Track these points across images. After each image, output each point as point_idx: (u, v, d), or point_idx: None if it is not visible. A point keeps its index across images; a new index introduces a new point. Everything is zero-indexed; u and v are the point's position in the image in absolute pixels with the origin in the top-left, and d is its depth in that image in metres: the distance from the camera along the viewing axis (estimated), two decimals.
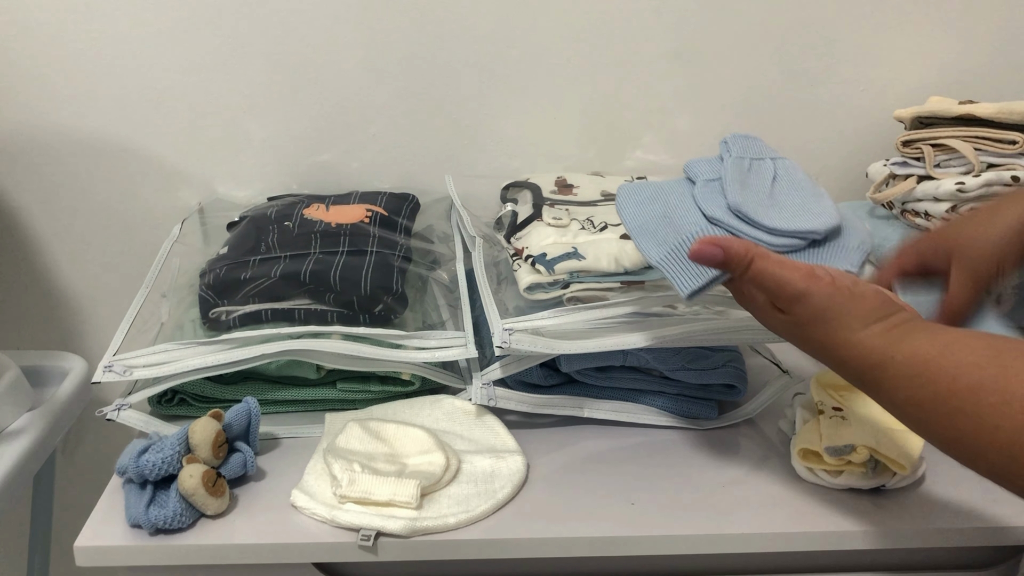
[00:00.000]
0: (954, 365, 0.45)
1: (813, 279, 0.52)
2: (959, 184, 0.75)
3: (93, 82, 0.93)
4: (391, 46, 0.94)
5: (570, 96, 0.97)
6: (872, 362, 0.49)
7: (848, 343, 0.50)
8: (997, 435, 0.42)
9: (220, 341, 0.70)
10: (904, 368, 0.47)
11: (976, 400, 0.43)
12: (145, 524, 0.59)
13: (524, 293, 0.71)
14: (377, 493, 0.60)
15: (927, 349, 0.46)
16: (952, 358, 0.45)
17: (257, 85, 0.95)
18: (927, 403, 0.45)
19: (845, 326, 0.50)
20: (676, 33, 0.95)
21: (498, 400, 0.70)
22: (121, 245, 1.01)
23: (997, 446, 0.42)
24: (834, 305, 0.51)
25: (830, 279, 0.52)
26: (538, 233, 0.76)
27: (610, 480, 0.66)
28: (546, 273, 0.70)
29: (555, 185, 0.89)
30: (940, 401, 0.45)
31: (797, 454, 0.66)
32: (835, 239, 0.62)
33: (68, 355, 0.90)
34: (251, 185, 0.99)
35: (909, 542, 0.61)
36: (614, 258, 0.70)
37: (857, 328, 0.50)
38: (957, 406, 0.44)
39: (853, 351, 0.50)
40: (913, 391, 0.46)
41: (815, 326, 0.52)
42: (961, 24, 0.95)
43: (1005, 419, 0.41)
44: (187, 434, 0.62)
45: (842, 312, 0.50)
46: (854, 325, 0.50)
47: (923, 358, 0.46)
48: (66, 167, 0.97)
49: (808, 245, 0.61)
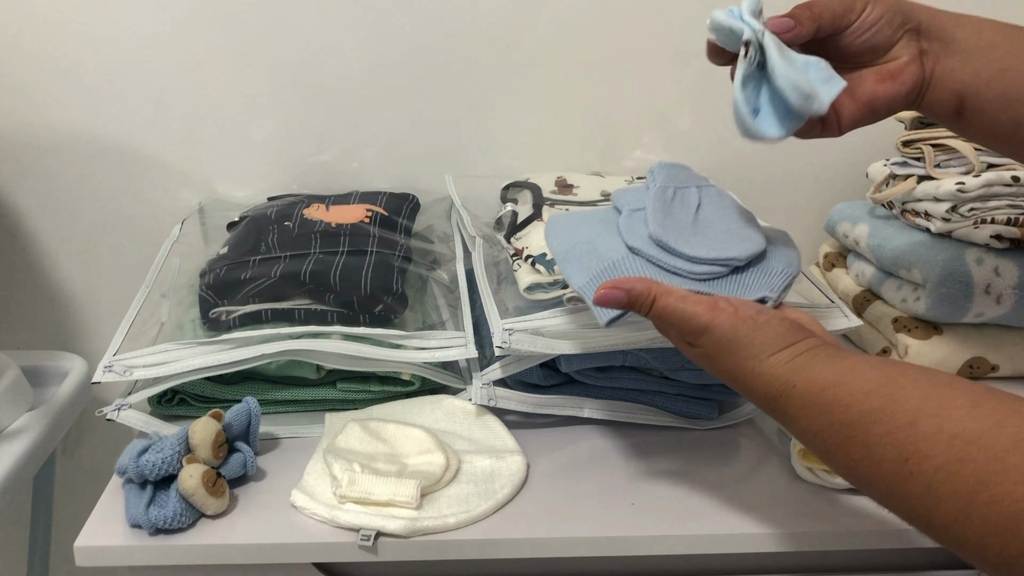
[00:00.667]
0: (848, 393, 0.45)
1: (716, 311, 0.52)
2: (959, 184, 0.75)
3: (93, 82, 0.93)
4: (391, 46, 0.94)
5: (570, 96, 0.97)
6: (776, 390, 0.49)
7: (752, 372, 0.50)
8: (882, 466, 0.42)
9: (220, 341, 0.70)
10: (803, 398, 0.47)
11: (865, 430, 0.43)
12: (145, 524, 0.59)
13: (524, 293, 0.71)
14: (377, 493, 0.60)
15: (825, 377, 0.47)
16: (846, 387, 0.45)
17: (257, 85, 0.95)
18: (823, 432, 0.46)
19: (750, 356, 0.51)
20: (676, 33, 0.95)
21: (498, 400, 0.70)
22: (121, 245, 1.01)
23: (882, 475, 0.42)
24: (738, 336, 0.51)
25: (732, 310, 0.52)
26: (538, 233, 0.76)
27: (610, 480, 0.66)
28: (546, 273, 0.70)
29: (555, 185, 0.89)
30: (834, 430, 0.45)
31: (797, 454, 0.66)
32: (758, 263, 0.63)
33: (68, 355, 0.90)
34: (251, 185, 0.99)
35: (909, 542, 0.61)
36: None
37: (762, 357, 0.50)
38: (849, 435, 0.44)
39: (758, 380, 0.50)
40: (812, 420, 0.47)
41: (722, 356, 0.52)
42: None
43: (888, 448, 0.42)
44: (187, 434, 0.62)
45: (746, 342, 0.51)
46: (759, 355, 0.50)
47: (820, 386, 0.47)
48: (66, 167, 0.97)
49: (730, 272, 0.62)
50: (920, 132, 0.81)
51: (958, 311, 0.77)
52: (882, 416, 0.43)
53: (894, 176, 0.84)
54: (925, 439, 0.40)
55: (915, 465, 0.40)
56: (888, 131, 0.87)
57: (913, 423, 0.41)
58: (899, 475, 0.41)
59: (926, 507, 0.40)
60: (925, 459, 0.40)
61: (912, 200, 0.81)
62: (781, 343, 0.50)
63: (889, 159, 0.86)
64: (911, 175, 0.81)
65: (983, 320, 0.78)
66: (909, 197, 0.81)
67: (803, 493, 0.64)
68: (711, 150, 0.99)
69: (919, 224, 0.80)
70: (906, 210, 0.82)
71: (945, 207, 0.77)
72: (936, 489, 0.39)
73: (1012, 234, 0.76)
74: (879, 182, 0.85)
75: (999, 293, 0.76)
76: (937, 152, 0.79)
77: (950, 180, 0.77)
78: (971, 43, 0.55)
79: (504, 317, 0.68)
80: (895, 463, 0.41)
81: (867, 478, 0.44)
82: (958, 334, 0.79)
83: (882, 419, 0.42)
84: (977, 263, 0.76)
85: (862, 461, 0.43)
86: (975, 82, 0.55)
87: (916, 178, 0.80)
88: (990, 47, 0.54)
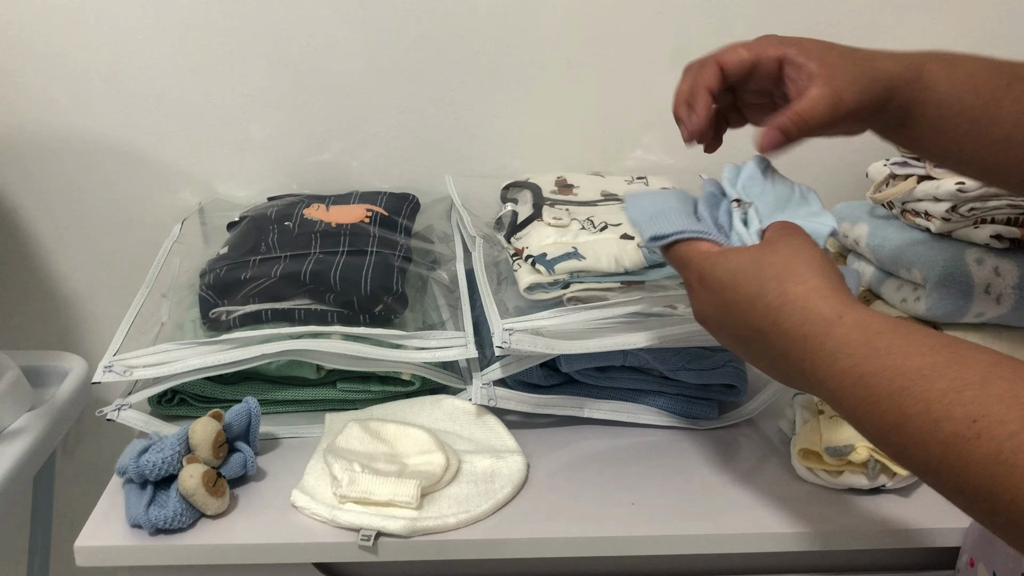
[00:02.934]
0: (907, 343, 0.41)
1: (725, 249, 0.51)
2: (959, 184, 0.75)
3: (94, 82, 0.93)
4: (391, 46, 0.94)
5: (570, 96, 0.97)
6: (817, 316, 0.44)
7: (788, 297, 0.46)
8: (943, 425, 0.38)
9: (220, 341, 0.70)
10: (852, 332, 0.43)
11: (927, 384, 0.39)
12: (145, 524, 0.59)
13: (524, 293, 0.71)
14: (377, 493, 0.60)
15: (879, 321, 0.43)
16: (905, 336, 0.41)
17: (257, 85, 0.95)
18: (870, 376, 0.41)
19: (790, 276, 0.46)
20: (676, 33, 0.95)
21: (498, 400, 0.70)
22: (121, 245, 1.01)
23: (941, 437, 0.38)
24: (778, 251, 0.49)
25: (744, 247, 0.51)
26: (538, 233, 0.76)
27: (610, 480, 0.66)
28: (546, 273, 0.70)
29: (555, 185, 0.89)
30: (886, 377, 0.40)
31: (797, 454, 0.66)
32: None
33: (68, 355, 0.90)
34: (251, 185, 0.99)
35: (909, 542, 0.61)
36: (614, 258, 0.70)
37: (806, 278, 0.46)
38: (903, 386, 0.39)
39: (795, 305, 0.45)
40: (858, 360, 0.42)
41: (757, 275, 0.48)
42: (962, 23, 0.95)
43: (955, 407, 0.38)
44: (187, 434, 0.62)
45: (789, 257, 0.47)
46: (803, 275, 0.46)
47: (875, 328, 0.42)
48: (66, 167, 0.97)
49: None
50: None
51: (958, 311, 0.77)
52: (948, 371, 0.39)
53: (894, 176, 0.84)
54: (999, 401, 0.36)
55: (984, 428, 0.36)
56: None
57: (985, 382, 0.38)
58: (962, 438, 0.37)
59: (990, 475, 0.36)
60: (997, 423, 0.36)
61: (912, 200, 0.81)
62: (831, 271, 0.46)
63: (889, 159, 0.86)
64: (911, 175, 0.81)
65: (983, 320, 0.78)
66: (909, 197, 0.81)
67: (803, 493, 0.64)
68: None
69: (919, 224, 0.80)
70: (906, 210, 0.82)
71: (945, 207, 0.77)
72: (1007, 457, 0.35)
73: (1012, 234, 0.76)
74: (879, 182, 0.85)
75: (999, 293, 0.76)
76: None
77: (950, 180, 0.77)
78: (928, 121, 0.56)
79: (504, 317, 0.68)
80: (960, 423, 0.37)
81: (919, 437, 0.39)
82: (958, 334, 0.79)
83: (948, 374, 0.38)
84: (977, 263, 0.76)
85: (916, 417, 0.39)
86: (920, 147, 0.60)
87: (916, 178, 0.80)
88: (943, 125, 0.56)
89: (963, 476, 0.37)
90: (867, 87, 0.54)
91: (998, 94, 0.54)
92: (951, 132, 0.56)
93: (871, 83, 0.54)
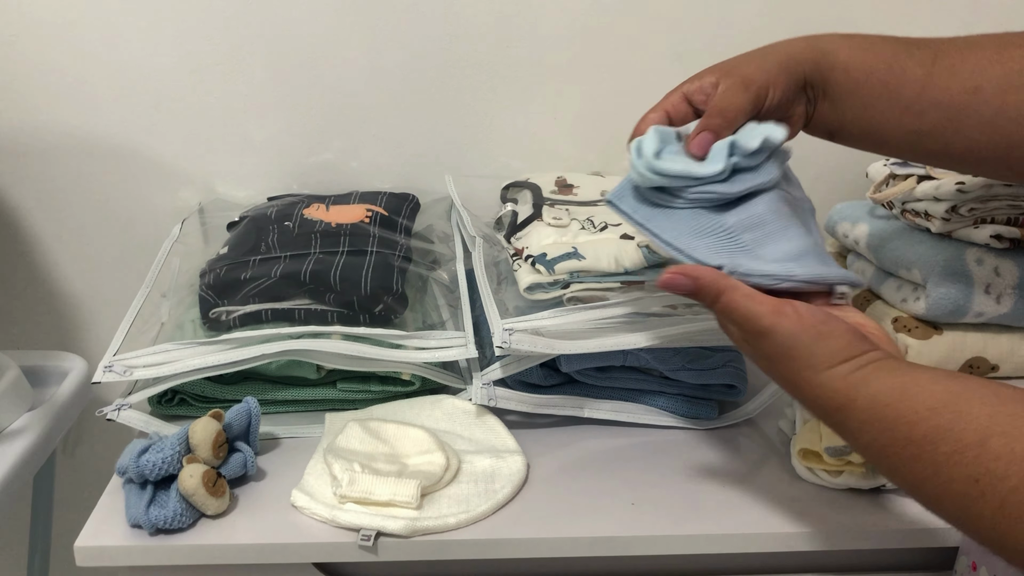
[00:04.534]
0: (912, 411, 0.44)
1: (779, 315, 0.50)
2: (959, 184, 0.75)
3: (93, 82, 0.93)
4: (391, 46, 0.94)
5: (570, 96, 0.97)
6: (836, 404, 0.48)
7: (811, 383, 0.49)
8: (952, 486, 0.41)
9: (220, 341, 0.70)
10: (865, 412, 0.46)
11: (932, 449, 0.43)
12: (145, 524, 0.59)
13: (524, 293, 0.71)
14: (377, 493, 0.60)
15: (887, 393, 0.46)
16: (910, 403, 0.45)
17: (257, 85, 0.95)
18: (887, 449, 0.45)
19: (809, 366, 0.49)
20: (676, 33, 0.95)
21: (498, 400, 0.70)
22: (121, 245, 1.01)
23: (952, 496, 0.42)
24: (799, 344, 0.50)
25: (796, 316, 0.50)
26: (538, 233, 0.76)
27: (610, 480, 0.66)
28: (546, 273, 0.70)
29: (555, 185, 0.89)
30: (899, 447, 0.44)
31: (797, 454, 0.66)
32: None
33: (68, 355, 0.90)
34: (251, 185, 0.99)
35: (909, 542, 0.61)
36: (614, 258, 0.70)
37: (821, 369, 0.49)
38: (915, 453, 0.44)
39: (816, 391, 0.49)
40: (874, 436, 0.46)
41: (781, 362, 0.51)
42: (962, 23, 0.95)
43: (957, 469, 0.41)
44: (187, 434, 0.62)
45: (806, 352, 0.49)
46: (818, 365, 0.49)
47: (883, 402, 0.46)
48: (66, 167, 0.97)
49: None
50: None
51: (958, 311, 0.77)
52: (949, 435, 0.42)
53: (894, 176, 0.84)
54: (996, 459, 0.40)
55: (987, 486, 0.40)
56: None
57: (983, 442, 0.41)
58: (970, 496, 0.41)
59: (1000, 529, 0.40)
60: (998, 480, 0.40)
61: (912, 200, 0.81)
62: (843, 355, 0.49)
63: (889, 159, 0.86)
64: (911, 175, 0.81)
65: (983, 320, 0.78)
66: (909, 197, 0.81)
67: (803, 493, 0.64)
68: None
69: (919, 224, 0.80)
70: (906, 210, 0.82)
71: (945, 207, 0.77)
72: (1010, 511, 0.39)
73: (1012, 234, 0.76)
74: (879, 182, 0.85)
75: (999, 293, 0.76)
76: None
77: (950, 180, 0.77)
78: (840, 88, 0.60)
79: (504, 317, 0.68)
80: (965, 483, 0.41)
81: (936, 498, 0.43)
82: (958, 334, 0.79)
83: (949, 438, 0.42)
84: (977, 263, 0.76)
85: (929, 480, 0.43)
86: (841, 120, 0.61)
87: (916, 178, 0.80)
88: (855, 89, 0.59)
89: (975, 528, 0.41)
90: (772, 65, 0.59)
91: (899, 56, 0.59)
92: (864, 95, 0.59)
93: (774, 62, 0.59)
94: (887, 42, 0.60)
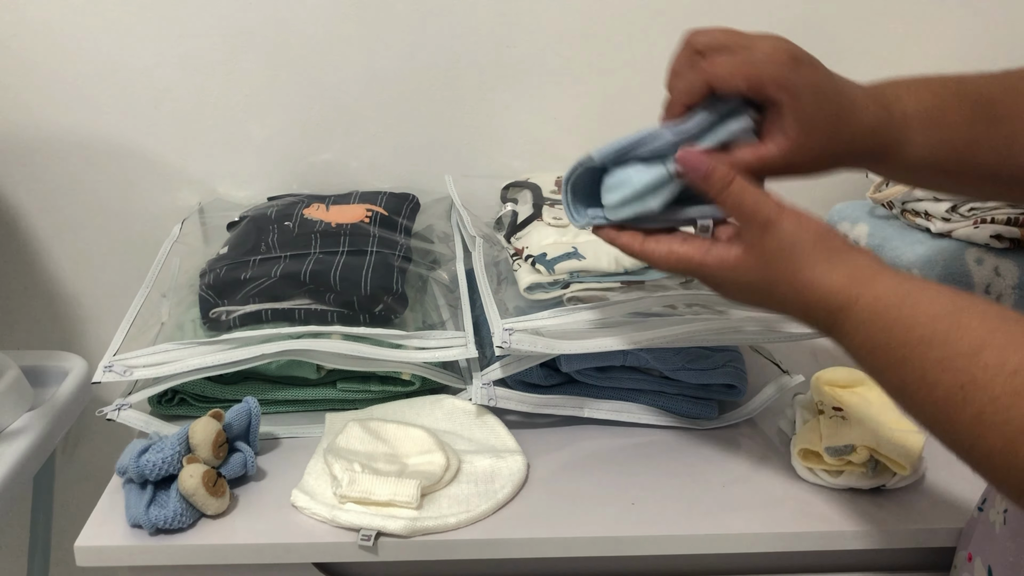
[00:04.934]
0: (911, 316, 0.44)
1: (783, 209, 0.50)
2: None
3: (93, 82, 0.93)
4: (391, 46, 0.94)
5: (570, 96, 0.97)
6: (837, 304, 0.47)
7: (812, 284, 0.48)
8: (935, 391, 0.42)
9: (220, 341, 0.70)
10: (865, 313, 0.46)
11: (924, 353, 0.43)
12: (145, 524, 0.59)
13: (524, 293, 0.71)
14: (377, 493, 0.60)
15: (890, 296, 0.46)
16: (911, 309, 0.44)
17: (257, 85, 0.95)
18: (879, 350, 0.45)
19: (810, 264, 0.49)
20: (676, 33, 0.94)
21: (498, 400, 0.70)
22: (121, 245, 1.01)
23: (933, 400, 0.42)
24: (802, 240, 0.49)
25: (798, 215, 0.50)
26: (538, 233, 0.76)
27: (610, 480, 0.66)
28: (546, 273, 0.70)
29: (555, 185, 0.89)
30: (892, 349, 0.44)
31: (797, 454, 0.66)
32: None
33: (68, 355, 0.90)
34: (251, 185, 0.99)
35: (909, 542, 0.61)
36: (614, 258, 0.70)
37: (822, 267, 0.48)
38: (905, 356, 0.44)
39: (817, 292, 0.48)
40: (870, 335, 0.46)
41: (780, 263, 0.50)
42: (963, 23, 0.95)
43: (945, 374, 0.41)
44: (187, 434, 0.62)
45: (809, 248, 0.49)
46: (819, 264, 0.48)
47: (885, 304, 0.46)
48: (66, 167, 0.97)
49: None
50: None
51: None
52: (944, 342, 0.42)
53: None
54: (984, 369, 0.40)
55: (970, 394, 0.40)
56: None
57: (975, 353, 0.41)
58: (952, 402, 0.41)
59: (974, 436, 0.40)
60: (981, 389, 0.40)
61: (912, 200, 0.81)
62: (844, 256, 0.49)
63: None
64: None
65: None
66: (909, 197, 0.81)
67: (803, 493, 0.64)
68: None
69: (919, 224, 0.80)
70: (906, 210, 0.82)
71: (945, 207, 0.77)
72: (987, 419, 0.39)
73: (1012, 234, 0.76)
74: (879, 182, 0.85)
75: (999, 293, 0.76)
76: None
77: None
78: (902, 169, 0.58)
79: (504, 317, 0.68)
80: (949, 389, 0.41)
81: (918, 402, 0.43)
82: None
83: (943, 344, 0.42)
84: (977, 263, 0.76)
85: (915, 384, 0.43)
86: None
87: None
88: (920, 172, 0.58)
89: (951, 436, 0.42)
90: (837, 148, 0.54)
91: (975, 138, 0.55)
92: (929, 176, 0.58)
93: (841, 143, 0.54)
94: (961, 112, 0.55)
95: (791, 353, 0.79)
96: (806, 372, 0.75)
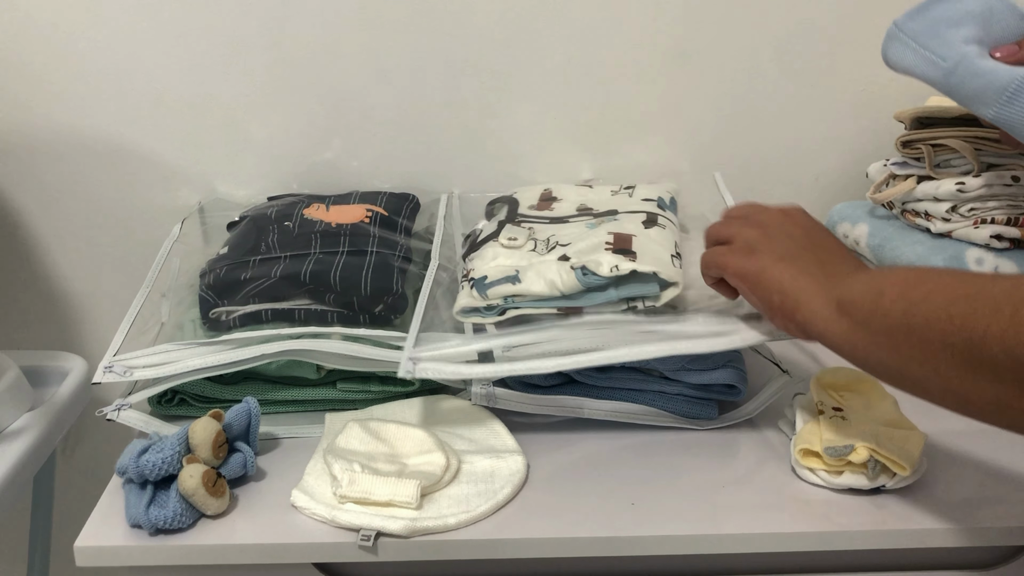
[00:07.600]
0: (938, 275, 0.52)
1: None
2: (959, 184, 0.75)
3: (93, 82, 0.93)
4: (392, 46, 0.94)
5: (570, 97, 0.97)
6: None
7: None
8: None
9: (220, 341, 0.70)
10: (904, 274, 0.54)
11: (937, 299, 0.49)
12: (145, 524, 0.59)
13: (457, 316, 0.71)
14: (377, 493, 0.60)
15: (920, 271, 0.54)
16: (942, 276, 0.52)
17: (257, 85, 0.95)
18: (898, 301, 0.52)
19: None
20: (676, 33, 0.95)
21: (498, 400, 0.70)
22: (121, 245, 1.01)
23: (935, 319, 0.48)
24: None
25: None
26: (491, 253, 0.75)
27: (610, 480, 0.66)
28: (479, 297, 0.70)
29: (538, 199, 0.87)
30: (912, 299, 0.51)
31: (797, 454, 0.66)
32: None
33: (68, 355, 0.90)
34: (251, 185, 0.99)
35: (909, 542, 0.61)
36: (550, 282, 0.69)
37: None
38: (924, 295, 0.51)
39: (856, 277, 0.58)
40: (903, 291, 0.52)
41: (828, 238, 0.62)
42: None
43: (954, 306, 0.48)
44: (187, 434, 0.62)
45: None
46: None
47: (915, 275, 0.53)
48: (66, 167, 0.97)
49: None
50: (920, 132, 0.81)
51: None
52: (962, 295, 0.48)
53: (894, 176, 0.84)
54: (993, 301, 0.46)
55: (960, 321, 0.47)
56: (888, 131, 0.87)
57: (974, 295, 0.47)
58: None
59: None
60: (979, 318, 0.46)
61: (912, 200, 0.81)
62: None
63: (889, 159, 0.86)
64: (911, 175, 0.81)
65: None
66: (909, 197, 0.81)
67: (803, 493, 0.64)
68: (712, 149, 0.99)
69: (919, 224, 0.80)
70: (906, 210, 0.82)
71: (945, 207, 0.77)
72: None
73: (1012, 234, 0.76)
74: (879, 182, 0.85)
75: None
76: (937, 152, 0.79)
77: (950, 180, 0.77)
78: None
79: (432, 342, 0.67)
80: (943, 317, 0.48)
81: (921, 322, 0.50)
82: None
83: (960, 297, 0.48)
84: (977, 263, 0.76)
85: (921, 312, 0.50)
86: None
87: (916, 178, 0.80)
88: None
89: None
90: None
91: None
92: None
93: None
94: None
95: (791, 353, 0.79)
96: (806, 372, 0.75)
